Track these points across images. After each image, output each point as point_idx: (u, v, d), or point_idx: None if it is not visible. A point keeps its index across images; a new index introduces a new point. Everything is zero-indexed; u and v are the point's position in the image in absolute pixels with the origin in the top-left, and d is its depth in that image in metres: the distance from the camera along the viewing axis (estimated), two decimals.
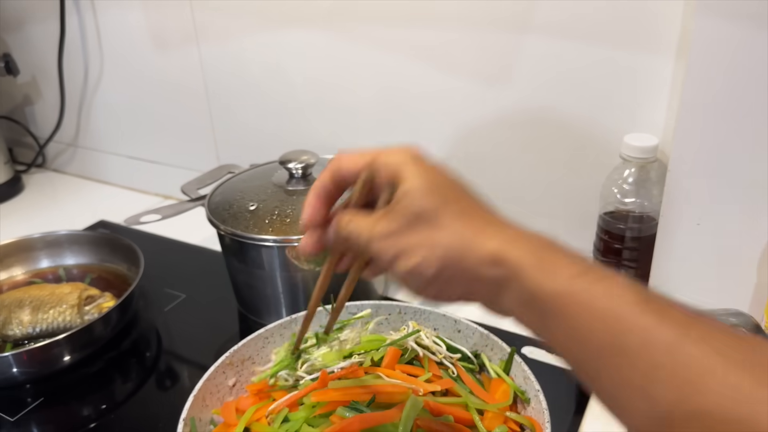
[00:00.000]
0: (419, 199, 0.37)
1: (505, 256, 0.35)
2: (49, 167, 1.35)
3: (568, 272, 0.34)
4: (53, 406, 0.72)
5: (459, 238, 0.36)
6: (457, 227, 0.37)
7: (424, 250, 0.36)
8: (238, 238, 0.75)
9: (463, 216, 0.37)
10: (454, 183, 0.40)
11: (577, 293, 0.33)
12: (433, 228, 0.37)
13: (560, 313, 0.33)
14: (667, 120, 0.70)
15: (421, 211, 0.37)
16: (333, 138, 0.94)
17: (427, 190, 0.38)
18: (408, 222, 0.37)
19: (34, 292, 0.82)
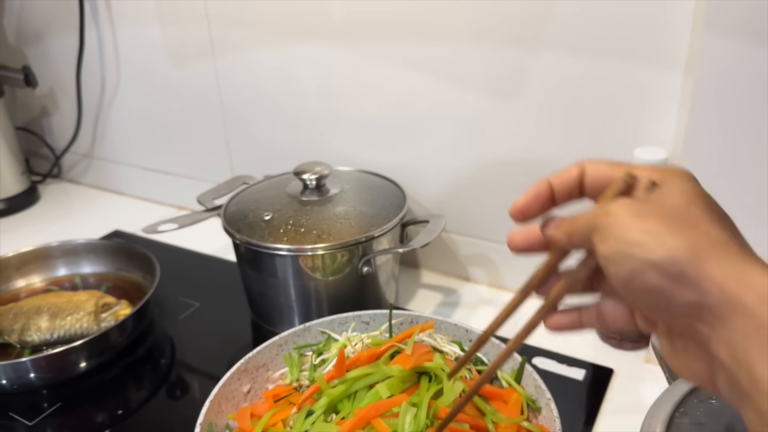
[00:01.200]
0: (684, 197, 0.32)
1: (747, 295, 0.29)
2: (64, 178, 1.37)
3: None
4: (70, 411, 0.73)
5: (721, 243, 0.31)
6: (722, 235, 0.31)
7: (664, 230, 0.31)
8: (253, 247, 0.76)
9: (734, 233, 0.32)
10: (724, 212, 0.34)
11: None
12: (688, 225, 0.31)
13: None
14: (677, 134, 0.71)
15: (681, 207, 0.32)
16: (346, 149, 0.95)
17: (695, 195, 0.33)
18: (657, 211, 0.32)
19: (51, 299, 0.83)
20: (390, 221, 0.79)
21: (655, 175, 0.34)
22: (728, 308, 0.29)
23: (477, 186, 0.87)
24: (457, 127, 0.85)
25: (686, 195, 0.32)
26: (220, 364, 0.69)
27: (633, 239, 0.31)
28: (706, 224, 0.31)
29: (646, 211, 0.32)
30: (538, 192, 0.38)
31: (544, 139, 0.79)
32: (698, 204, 0.32)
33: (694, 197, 0.33)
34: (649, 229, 0.31)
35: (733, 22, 0.57)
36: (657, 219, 0.31)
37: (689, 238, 0.30)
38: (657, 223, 0.31)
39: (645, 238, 0.31)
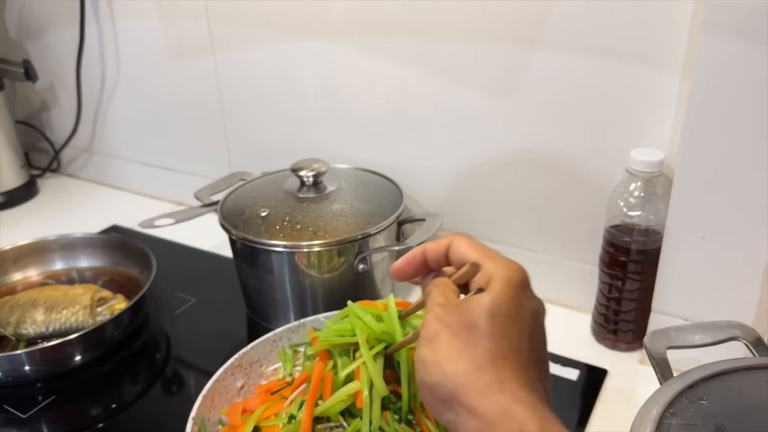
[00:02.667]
0: (480, 313, 0.38)
1: (513, 413, 0.35)
2: (63, 172, 1.37)
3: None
4: (64, 404, 0.74)
5: (477, 374, 0.37)
6: (485, 365, 0.37)
7: (444, 356, 0.38)
8: (249, 243, 0.77)
9: (502, 360, 0.38)
10: (525, 328, 0.40)
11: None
12: (467, 346, 0.38)
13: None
14: (673, 135, 0.71)
15: (472, 324, 0.38)
16: (343, 147, 0.95)
17: (491, 312, 0.38)
18: (459, 322, 0.38)
19: (47, 292, 0.83)
20: (386, 219, 0.79)
21: (485, 276, 0.40)
22: (475, 426, 0.36)
23: (474, 185, 0.87)
24: (455, 126, 0.85)
25: (484, 309, 0.38)
26: (214, 360, 0.69)
27: (421, 357, 0.39)
28: (481, 347, 0.37)
29: (444, 327, 0.38)
30: (413, 257, 0.45)
31: (540, 139, 0.79)
32: (488, 321, 0.38)
33: (490, 313, 0.38)
34: (435, 350, 0.38)
35: (730, 23, 0.57)
36: (448, 336, 0.38)
37: (458, 366, 0.37)
38: (445, 343, 0.38)
39: (429, 358, 0.38)
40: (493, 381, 0.36)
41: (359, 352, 0.53)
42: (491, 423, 0.35)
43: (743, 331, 0.56)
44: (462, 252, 0.42)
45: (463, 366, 0.37)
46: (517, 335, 0.39)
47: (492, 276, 0.40)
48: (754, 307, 0.66)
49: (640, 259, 0.71)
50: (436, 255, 0.44)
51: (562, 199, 0.81)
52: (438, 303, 0.40)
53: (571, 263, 0.84)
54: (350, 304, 0.57)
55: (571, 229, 0.82)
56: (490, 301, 0.38)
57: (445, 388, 0.37)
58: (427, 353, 0.38)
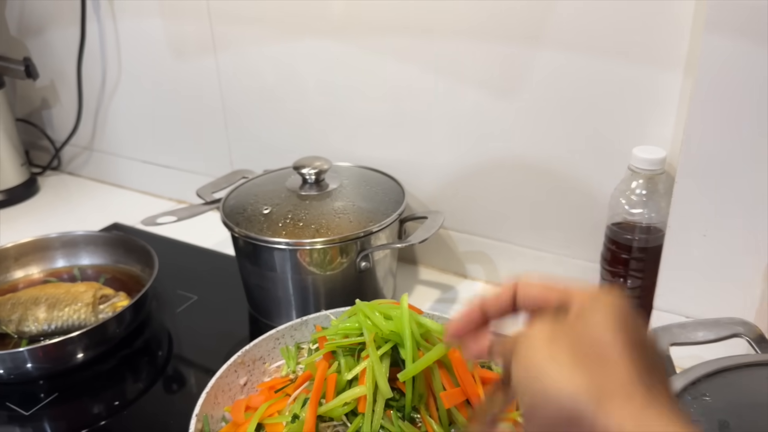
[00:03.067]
0: (604, 329, 0.32)
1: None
2: (64, 170, 1.37)
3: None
4: (67, 401, 0.74)
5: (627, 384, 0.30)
6: (632, 375, 0.30)
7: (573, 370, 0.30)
8: (251, 241, 0.77)
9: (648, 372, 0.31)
10: (651, 345, 0.33)
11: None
12: (598, 362, 0.30)
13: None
14: (676, 133, 0.71)
15: (598, 340, 0.31)
16: (345, 145, 0.96)
17: (617, 326, 0.32)
18: (574, 338, 0.32)
19: (49, 290, 0.83)
20: (388, 217, 0.79)
21: (584, 303, 0.34)
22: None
23: (476, 183, 0.87)
24: (457, 124, 0.85)
25: (603, 324, 0.32)
26: (217, 357, 0.69)
27: (540, 367, 0.31)
28: (617, 362, 0.30)
29: (559, 338, 0.32)
30: (470, 315, 0.39)
31: (543, 136, 0.80)
32: (614, 334, 0.31)
33: (612, 327, 0.32)
34: (557, 358, 0.31)
35: (732, 22, 0.57)
36: (568, 348, 0.31)
37: (593, 378, 0.30)
38: (566, 354, 0.31)
39: (551, 368, 0.30)
40: (643, 397, 0.29)
41: (365, 352, 0.53)
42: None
43: (746, 327, 0.56)
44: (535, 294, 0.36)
45: (602, 378, 0.30)
46: (652, 352, 0.33)
47: (591, 300, 0.34)
48: (756, 304, 0.66)
49: (641, 257, 0.71)
50: (499, 306, 0.38)
51: (564, 196, 0.81)
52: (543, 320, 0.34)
53: (573, 261, 0.84)
54: (358, 302, 0.57)
55: (573, 227, 0.83)
56: (607, 315, 0.32)
57: (578, 403, 0.29)
58: (546, 361, 0.31)
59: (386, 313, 0.59)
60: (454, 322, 0.40)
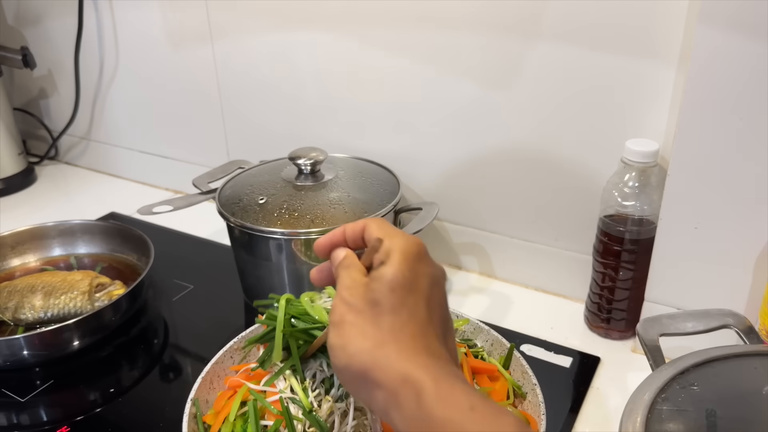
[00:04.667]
0: (384, 291, 0.41)
1: (412, 377, 0.37)
2: (61, 159, 1.37)
3: (464, 403, 0.36)
4: (62, 388, 0.74)
5: (379, 349, 0.39)
6: (387, 338, 0.39)
7: (350, 338, 0.40)
8: (247, 230, 0.77)
9: (401, 331, 0.40)
10: (422, 294, 0.42)
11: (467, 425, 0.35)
12: (371, 324, 0.40)
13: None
14: (669, 126, 0.71)
15: (376, 302, 0.40)
16: (341, 136, 0.96)
17: (395, 288, 0.41)
18: (363, 302, 0.41)
19: (46, 278, 0.84)
20: (383, 208, 0.79)
21: (384, 251, 0.42)
22: (382, 396, 0.38)
23: (470, 175, 0.88)
24: (453, 116, 0.85)
25: (385, 284, 0.41)
26: (212, 345, 0.69)
27: (332, 344, 0.41)
28: (385, 321, 0.40)
29: (347, 313, 0.41)
30: (334, 236, 0.48)
31: (537, 128, 0.80)
32: (388, 296, 0.40)
33: (390, 288, 0.41)
34: (342, 335, 0.40)
35: (726, 15, 0.57)
36: (351, 321, 0.40)
37: (365, 346, 0.39)
38: (350, 328, 0.40)
39: (337, 343, 0.40)
40: (394, 352, 0.38)
41: None
42: (393, 392, 0.37)
43: (735, 319, 0.57)
44: (371, 231, 0.45)
45: (368, 344, 0.39)
46: (414, 303, 0.41)
47: (391, 250, 0.42)
48: (745, 296, 0.67)
49: (633, 249, 0.72)
50: (354, 234, 0.47)
51: (558, 189, 0.82)
52: (345, 286, 0.42)
53: (565, 253, 0.85)
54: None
55: (566, 219, 0.83)
56: (390, 275, 0.41)
57: (353, 369, 0.39)
58: (335, 338, 0.41)
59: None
60: (321, 239, 0.48)
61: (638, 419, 0.46)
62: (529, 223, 0.86)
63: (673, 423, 0.46)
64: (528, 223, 0.86)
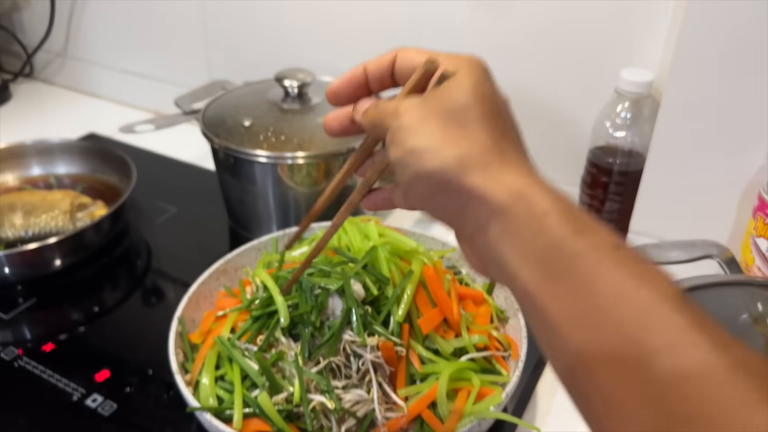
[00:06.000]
0: (464, 95, 0.34)
1: (529, 195, 0.31)
2: (37, 77, 1.32)
3: (602, 240, 0.29)
4: (46, 307, 0.74)
5: (484, 155, 0.32)
6: (489, 145, 0.33)
7: (440, 140, 0.33)
8: (232, 153, 0.76)
9: (502, 138, 0.34)
10: (504, 108, 0.36)
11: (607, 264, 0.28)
12: (461, 129, 0.33)
13: (580, 279, 0.28)
14: (664, 57, 0.70)
15: (459, 107, 0.33)
16: (329, 59, 0.93)
17: (476, 93, 0.34)
18: (439, 111, 0.34)
19: (25, 197, 0.82)
20: None
21: (448, 65, 0.35)
22: (484, 213, 0.32)
23: None
24: (444, 40, 0.83)
25: (467, 92, 0.34)
26: (197, 270, 0.69)
27: (411, 148, 0.33)
28: (477, 127, 0.33)
29: (428, 114, 0.34)
30: (353, 76, 0.39)
31: (530, 57, 0.78)
32: (476, 102, 0.34)
33: (474, 95, 0.34)
34: (426, 137, 0.33)
35: None
36: (434, 125, 0.33)
37: (457, 149, 0.33)
38: (433, 131, 0.33)
39: (421, 147, 0.33)
40: (500, 162, 0.32)
41: None
42: (505, 205, 0.31)
43: (718, 249, 0.58)
44: (412, 57, 0.38)
45: (465, 147, 0.33)
46: (507, 117, 0.36)
47: (458, 64, 0.35)
48: (729, 230, 0.67)
49: (621, 180, 0.72)
50: (380, 70, 0.39)
51: (549, 119, 0.81)
52: (409, 104, 0.35)
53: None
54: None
55: (554, 150, 0.83)
56: (472, 83, 0.34)
57: (443, 174, 0.32)
58: (418, 140, 0.33)
59: (365, 232, 0.59)
60: (336, 81, 0.40)
61: None
62: None
63: None
64: None
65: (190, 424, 0.58)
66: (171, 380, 0.53)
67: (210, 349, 0.55)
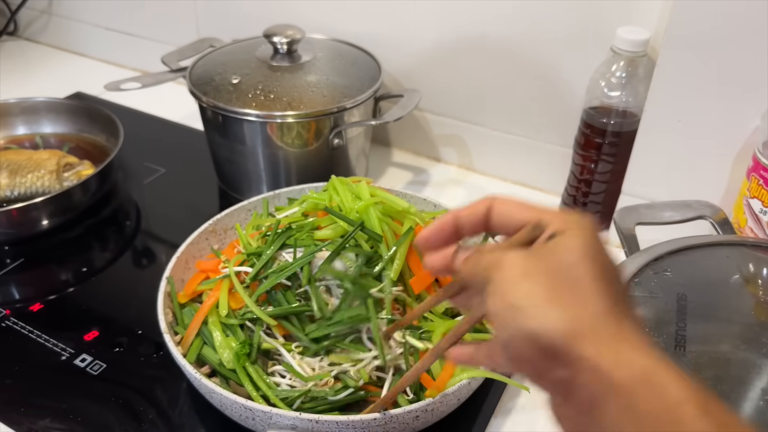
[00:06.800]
0: (575, 254, 0.31)
1: (655, 375, 0.28)
2: (21, 35, 1.29)
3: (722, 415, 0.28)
4: (34, 267, 0.73)
5: (599, 318, 0.30)
6: (601, 313, 0.30)
7: (549, 299, 0.30)
8: (220, 112, 0.74)
9: (617, 305, 0.31)
10: (616, 272, 0.33)
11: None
12: (571, 290, 0.30)
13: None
14: (661, 16, 0.69)
15: (570, 265, 0.31)
16: (320, 16, 0.91)
17: (587, 253, 0.31)
18: (547, 268, 0.31)
19: (11, 156, 0.81)
20: (363, 93, 0.77)
21: (557, 225, 0.33)
22: (600, 389, 0.29)
23: (454, 64, 0.85)
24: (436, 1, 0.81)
25: (578, 250, 0.31)
26: (186, 230, 0.68)
27: (515, 303, 0.31)
28: (588, 290, 0.30)
29: (533, 271, 0.31)
30: (443, 225, 0.38)
31: (524, 15, 0.77)
32: (587, 263, 0.31)
33: (585, 255, 0.31)
34: (532, 294, 0.31)
35: None
36: (542, 281, 0.31)
37: (567, 311, 0.30)
38: (540, 287, 0.31)
39: (526, 303, 0.30)
40: (615, 330, 0.29)
41: None
42: (628, 386, 0.28)
43: (711, 210, 0.57)
44: (512, 213, 0.35)
45: (576, 310, 0.30)
46: (618, 280, 0.33)
47: (567, 224, 0.33)
48: (722, 191, 0.67)
49: (615, 141, 0.71)
50: (473, 220, 0.37)
51: (543, 79, 0.80)
52: (514, 258, 0.33)
53: (546, 146, 0.84)
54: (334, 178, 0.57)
55: (548, 112, 0.82)
56: (582, 242, 0.32)
57: (552, 337, 0.29)
58: (522, 296, 0.31)
59: (357, 192, 0.59)
60: (426, 230, 0.39)
61: None
62: (511, 115, 0.85)
63: (645, 306, 0.47)
64: (510, 115, 0.85)
65: (179, 383, 0.58)
66: (160, 340, 0.53)
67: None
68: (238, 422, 0.51)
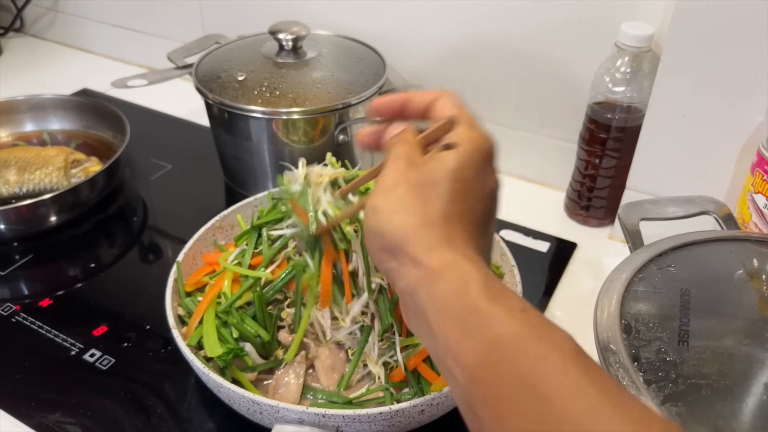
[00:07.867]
0: (442, 174, 0.37)
1: (459, 265, 0.35)
2: (27, 32, 1.30)
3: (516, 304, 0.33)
4: (42, 263, 0.74)
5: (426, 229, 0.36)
6: (437, 222, 0.37)
7: (397, 207, 0.37)
8: (226, 108, 0.75)
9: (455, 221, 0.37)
10: (482, 197, 0.39)
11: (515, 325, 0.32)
12: (421, 204, 0.37)
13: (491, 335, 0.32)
14: (665, 11, 0.69)
15: (431, 183, 0.37)
16: (325, 12, 0.91)
17: (455, 175, 0.37)
18: (414, 181, 0.38)
19: (19, 153, 0.81)
20: (368, 89, 0.77)
21: (460, 135, 0.39)
22: (415, 278, 0.36)
23: (459, 59, 0.85)
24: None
25: (447, 171, 0.37)
26: (193, 226, 0.69)
27: (375, 204, 0.38)
28: (434, 207, 0.37)
29: (402, 181, 0.38)
30: (395, 100, 0.44)
31: (529, 10, 0.77)
32: (448, 184, 0.37)
33: (452, 176, 0.37)
34: (387, 201, 0.38)
35: None
36: (401, 194, 0.37)
37: (408, 220, 0.37)
38: (396, 199, 0.37)
39: (382, 208, 0.38)
40: (442, 237, 0.36)
41: None
42: (436, 273, 0.35)
43: (715, 205, 0.57)
44: (444, 106, 0.41)
45: (414, 219, 0.37)
46: (474, 201, 0.39)
47: (463, 138, 0.39)
48: (726, 186, 0.67)
49: (619, 137, 0.71)
50: (419, 104, 0.43)
51: (548, 76, 0.80)
52: (401, 156, 0.39)
53: (550, 141, 0.84)
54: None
55: (554, 107, 0.82)
56: (455, 164, 0.38)
57: (391, 238, 0.37)
58: (382, 202, 0.38)
59: None
60: (378, 99, 0.44)
61: (614, 297, 0.47)
62: (516, 111, 0.85)
63: (648, 301, 0.47)
64: (515, 110, 0.85)
65: (187, 378, 0.59)
66: (168, 335, 0.54)
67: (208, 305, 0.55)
68: (246, 416, 0.51)
